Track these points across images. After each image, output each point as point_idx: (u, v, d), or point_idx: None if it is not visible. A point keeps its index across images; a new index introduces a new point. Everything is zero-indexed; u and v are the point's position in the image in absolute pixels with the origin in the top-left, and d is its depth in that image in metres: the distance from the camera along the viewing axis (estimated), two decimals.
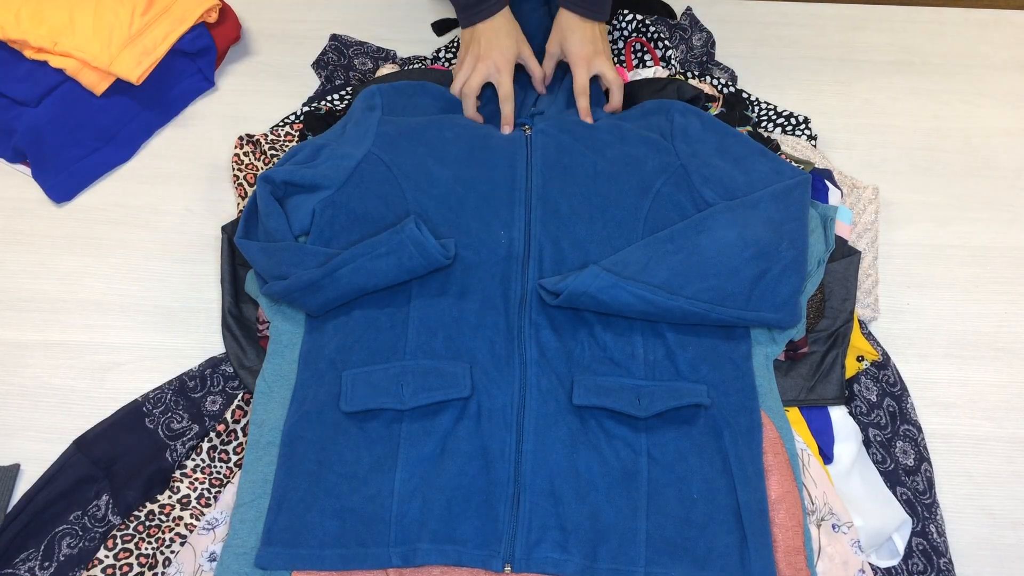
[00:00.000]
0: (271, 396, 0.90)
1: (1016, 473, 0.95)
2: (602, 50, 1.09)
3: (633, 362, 0.89)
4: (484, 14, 1.07)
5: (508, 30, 1.07)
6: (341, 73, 1.26)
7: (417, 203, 0.96)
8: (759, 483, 0.84)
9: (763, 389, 0.90)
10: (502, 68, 1.07)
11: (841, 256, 0.99)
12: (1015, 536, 0.92)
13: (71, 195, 1.16)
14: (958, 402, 1.00)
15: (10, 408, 0.99)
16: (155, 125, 1.22)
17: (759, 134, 1.10)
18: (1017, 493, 0.94)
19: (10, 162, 1.18)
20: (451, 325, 0.90)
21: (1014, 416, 0.99)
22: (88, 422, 0.96)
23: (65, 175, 1.15)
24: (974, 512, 0.93)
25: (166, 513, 0.88)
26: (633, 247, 0.92)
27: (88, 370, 1.01)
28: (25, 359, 1.02)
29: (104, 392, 0.99)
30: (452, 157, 0.99)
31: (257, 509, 0.84)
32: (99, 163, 1.17)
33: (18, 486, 0.93)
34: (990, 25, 1.37)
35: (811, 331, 0.95)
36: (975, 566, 0.90)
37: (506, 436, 0.84)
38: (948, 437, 0.97)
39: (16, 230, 1.13)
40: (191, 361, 1.01)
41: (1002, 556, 0.90)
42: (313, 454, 0.84)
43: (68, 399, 0.99)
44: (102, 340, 1.03)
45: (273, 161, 1.12)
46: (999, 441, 0.97)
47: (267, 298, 0.95)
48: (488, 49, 1.06)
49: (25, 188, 1.16)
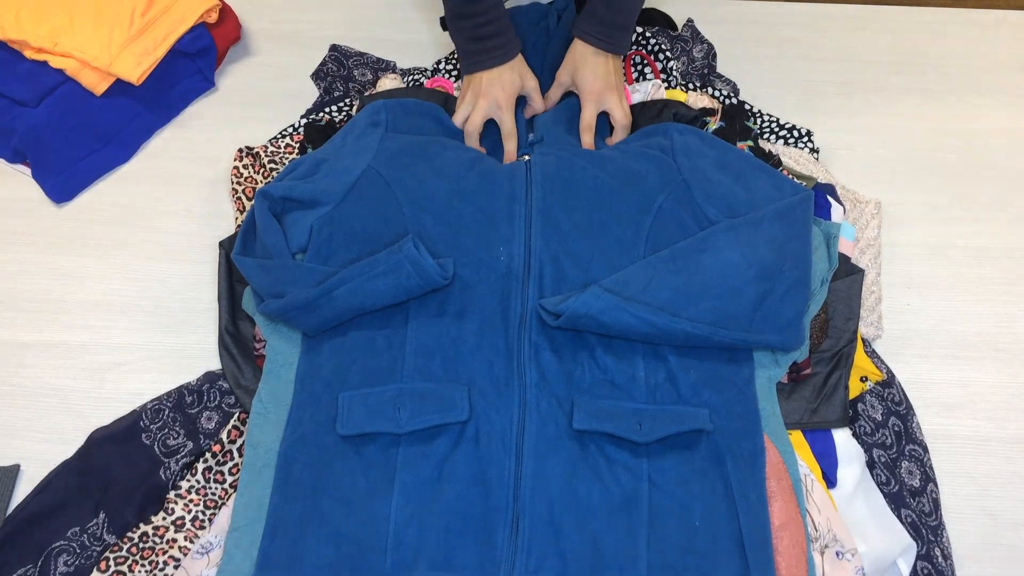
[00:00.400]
0: (267, 417, 0.89)
1: (1017, 473, 0.95)
2: (614, 86, 1.06)
3: (634, 385, 0.88)
4: (488, 64, 1.04)
5: (511, 64, 1.05)
6: (340, 84, 1.25)
7: (415, 219, 0.95)
8: (762, 510, 0.82)
9: (766, 413, 0.89)
10: (503, 105, 1.04)
11: (844, 274, 0.98)
12: (1015, 536, 0.92)
13: (71, 195, 1.15)
14: (959, 403, 1.00)
15: (10, 408, 0.99)
16: (155, 125, 1.22)
17: (760, 148, 1.09)
18: (1018, 494, 0.94)
19: (10, 162, 1.18)
20: (449, 346, 0.89)
21: (1015, 417, 0.99)
22: (88, 422, 0.96)
23: (65, 175, 1.15)
24: (975, 512, 0.93)
25: (160, 535, 0.86)
26: (635, 266, 0.90)
27: (88, 370, 1.01)
28: (25, 359, 1.02)
29: (104, 392, 0.99)
30: (451, 171, 0.98)
31: (252, 533, 0.82)
32: (99, 163, 1.17)
33: (18, 486, 0.93)
34: (990, 25, 1.37)
35: (814, 351, 0.94)
36: (975, 566, 0.90)
37: (505, 460, 0.83)
38: (949, 438, 0.97)
39: (16, 230, 1.13)
40: (191, 361, 1.01)
41: (1002, 556, 0.90)
42: (309, 478, 0.83)
43: (68, 399, 0.99)
44: (102, 340, 1.03)
45: (272, 174, 1.11)
46: (1000, 442, 0.97)
47: (263, 317, 0.94)
48: (489, 85, 1.04)
49: (25, 188, 1.16)
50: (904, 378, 1.00)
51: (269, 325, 0.94)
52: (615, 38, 1.04)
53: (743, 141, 1.10)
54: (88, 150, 1.16)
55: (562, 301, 0.86)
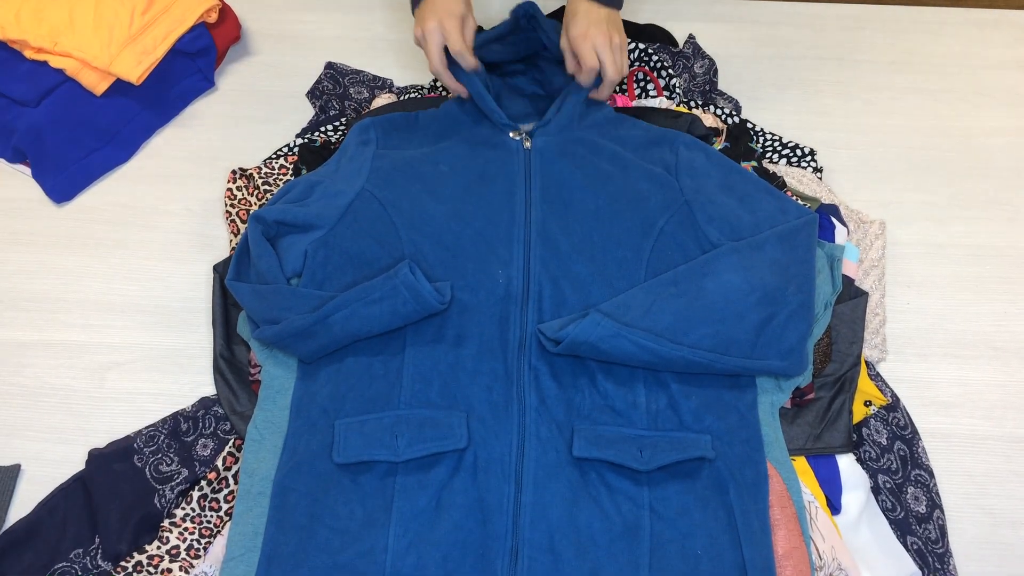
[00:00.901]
0: (262, 444, 0.88)
1: (1015, 472, 0.95)
2: (606, 32, 0.99)
3: (635, 411, 0.86)
4: None
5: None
6: (336, 102, 1.23)
7: (412, 242, 0.93)
8: (765, 539, 0.81)
9: (769, 439, 0.87)
10: (447, 25, 0.99)
11: (848, 297, 0.97)
12: (1015, 535, 0.92)
13: (71, 195, 1.16)
14: (957, 401, 1.00)
15: (10, 408, 0.99)
16: (155, 125, 1.22)
17: (764, 169, 1.08)
18: (1016, 492, 0.94)
19: (10, 162, 1.18)
20: (447, 372, 0.87)
21: (1013, 415, 0.99)
22: (88, 422, 0.96)
23: (65, 175, 1.15)
24: (973, 511, 0.93)
25: (155, 565, 0.85)
26: (635, 290, 0.89)
27: (88, 370, 1.01)
28: (25, 359, 1.02)
29: (104, 392, 0.99)
30: (448, 193, 0.96)
31: (247, 564, 0.81)
32: (99, 163, 1.17)
33: (18, 486, 0.93)
34: (990, 25, 1.37)
35: (817, 376, 0.93)
36: (975, 565, 0.90)
37: (504, 488, 0.82)
38: (947, 436, 0.97)
39: (16, 230, 1.13)
40: (191, 361, 1.01)
41: (1002, 555, 0.90)
42: (304, 507, 0.82)
43: (68, 399, 0.99)
44: (102, 340, 1.03)
45: (266, 196, 1.10)
46: (998, 440, 0.97)
47: (258, 343, 0.93)
48: (431, 11, 0.99)
49: (25, 188, 1.16)
50: (903, 377, 1.00)
51: (264, 350, 0.93)
52: None
53: (747, 162, 1.09)
54: (88, 150, 1.17)
55: (562, 327, 0.85)
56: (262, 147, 1.19)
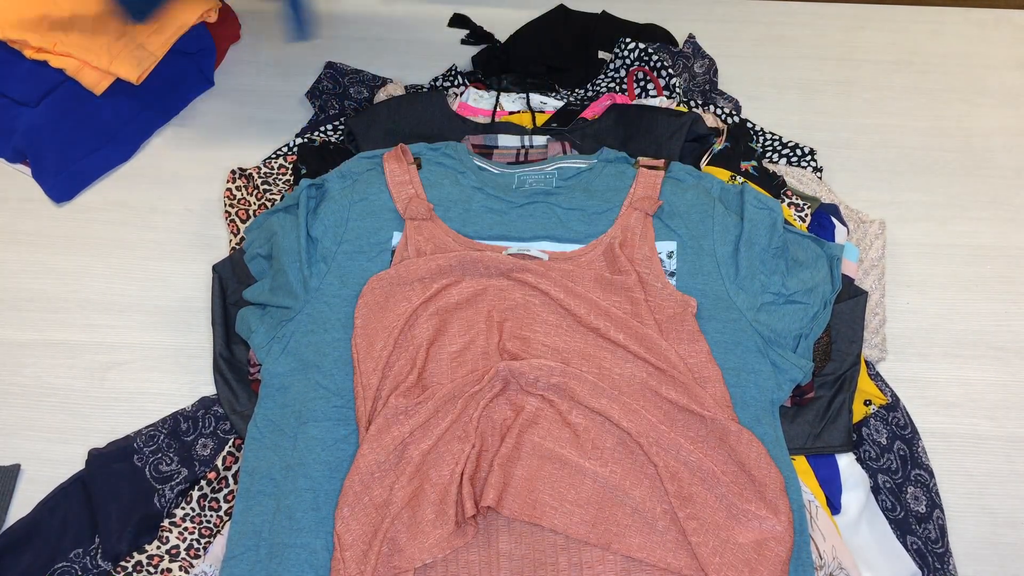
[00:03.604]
0: (262, 443, 0.87)
1: (1016, 472, 0.95)
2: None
3: None
4: None
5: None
6: (336, 103, 1.23)
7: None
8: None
9: (769, 437, 0.87)
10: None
11: (848, 296, 0.97)
12: (1015, 535, 0.92)
13: (71, 195, 1.16)
14: (958, 401, 1.00)
15: (10, 408, 0.99)
16: (155, 125, 1.22)
17: (764, 168, 1.08)
18: (1017, 492, 0.94)
19: (10, 162, 1.18)
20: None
21: (1014, 415, 0.99)
22: (88, 422, 0.96)
23: (65, 175, 1.15)
24: (974, 511, 0.93)
25: (155, 564, 0.85)
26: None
27: (88, 370, 1.01)
28: (25, 359, 1.02)
29: (104, 392, 0.99)
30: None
31: (247, 563, 0.81)
32: (99, 163, 1.17)
33: (18, 486, 0.93)
34: (990, 25, 1.37)
35: (817, 375, 0.93)
36: (975, 565, 0.89)
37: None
38: (947, 436, 0.97)
39: (16, 230, 1.13)
40: (191, 360, 1.01)
41: (1002, 555, 0.90)
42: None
43: (68, 399, 0.99)
44: (102, 340, 1.03)
45: (266, 195, 1.09)
46: (999, 440, 0.97)
47: (257, 340, 0.93)
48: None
49: (25, 188, 1.16)
50: (903, 376, 1.00)
51: (263, 348, 0.92)
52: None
53: (747, 162, 1.09)
54: (88, 150, 1.17)
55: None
56: (262, 147, 1.19)
